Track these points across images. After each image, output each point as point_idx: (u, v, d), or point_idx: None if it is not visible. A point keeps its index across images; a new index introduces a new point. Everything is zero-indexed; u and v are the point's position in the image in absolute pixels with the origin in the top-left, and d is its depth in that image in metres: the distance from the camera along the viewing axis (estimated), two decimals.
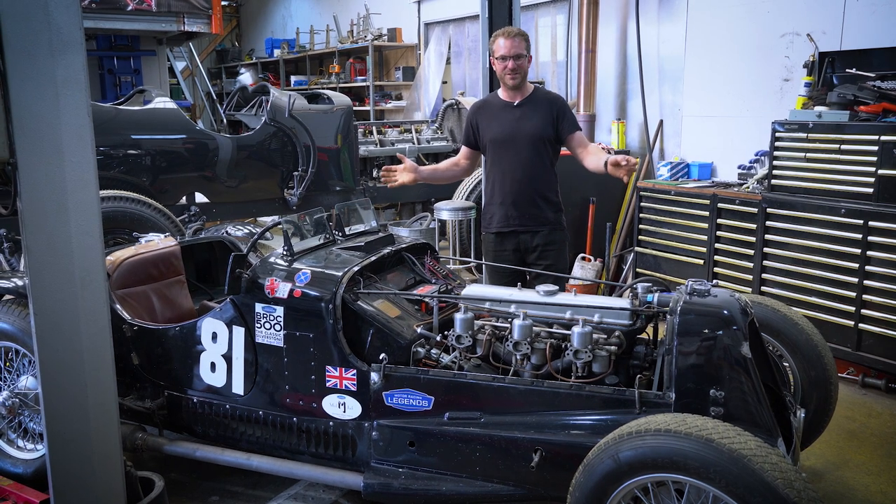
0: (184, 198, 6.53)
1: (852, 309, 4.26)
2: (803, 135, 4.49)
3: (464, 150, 4.07)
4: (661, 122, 6.47)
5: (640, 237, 5.74)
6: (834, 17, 5.04)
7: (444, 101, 8.67)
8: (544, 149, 3.84)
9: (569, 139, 3.83)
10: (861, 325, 4.23)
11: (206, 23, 9.89)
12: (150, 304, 3.58)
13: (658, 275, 5.41)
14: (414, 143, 8.02)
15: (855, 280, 4.23)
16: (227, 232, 4.32)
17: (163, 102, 6.47)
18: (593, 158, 3.71)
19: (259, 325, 2.97)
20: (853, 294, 4.25)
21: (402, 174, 3.84)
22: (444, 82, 9.52)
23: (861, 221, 4.17)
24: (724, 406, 2.34)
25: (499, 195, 3.92)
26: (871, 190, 4.15)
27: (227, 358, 3.07)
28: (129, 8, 9.29)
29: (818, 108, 4.55)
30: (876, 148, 4.10)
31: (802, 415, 2.64)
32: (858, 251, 4.19)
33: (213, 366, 3.11)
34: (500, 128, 3.86)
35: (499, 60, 3.79)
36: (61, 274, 2.14)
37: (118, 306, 3.35)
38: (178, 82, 13.37)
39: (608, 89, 6.93)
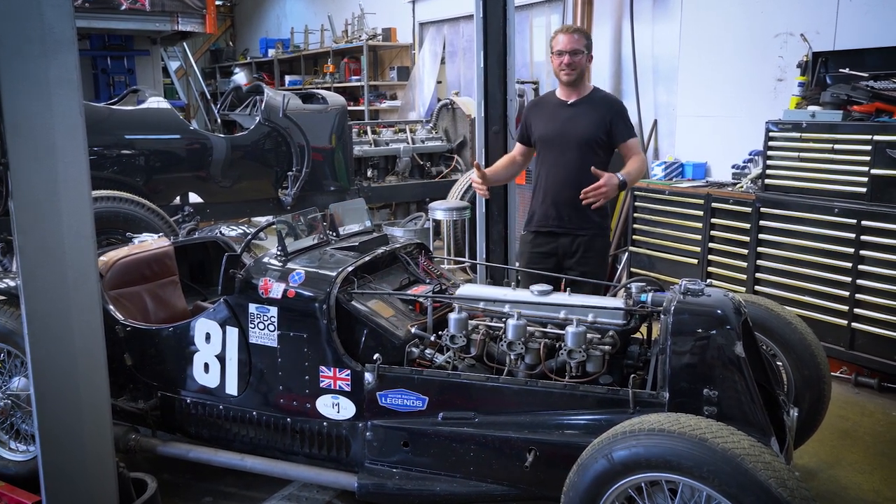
0: (178, 198, 6.51)
1: (846, 308, 4.27)
2: (797, 134, 4.50)
3: (518, 146, 4.00)
4: (656, 121, 6.48)
5: (634, 237, 5.74)
6: (827, 17, 5.05)
7: (439, 100, 8.66)
8: (592, 151, 3.68)
9: (621, 146, 3.73)
10: (854, 325, 4.25)
11: (200, 22, 9.89)
12: (144, 304, 3.57)
13: (652, 274, 5.42)
14: (409, 143, 8.01)
15: (848, 279, 4.24)
16: (220, 232, 4.31)
17: (156, 102, 6.46)
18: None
19: (253, 326, 2.96)
20: (846, 293, 4.26)
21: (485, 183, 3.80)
22: (439, 82, 9.51)
23: (854, 221, 4.18)
24: (717, 405, 2.35)
25: (541, 194, 3.83)
26: (864, 189, 4.16)
27: (221, 358, 3.06)
28: (123, 7, 9.28)
29: (812, 108, 4.56)
30: (869, 147, 4.11)
31: (795, 414, 2.65)
32: (852, 251, 4.21)
33: (206, 366, 3.10)
34: (550, 126, 3.77)
35: (556, 56, 3.71)
36: (53, 275, 2.13)
37: (111, 307, 3.33)
38: (172, 82, 13.34)
39: (603, 89, 6.93)
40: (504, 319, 2.79)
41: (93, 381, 2.26)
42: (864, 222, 4.14)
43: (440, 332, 2.82)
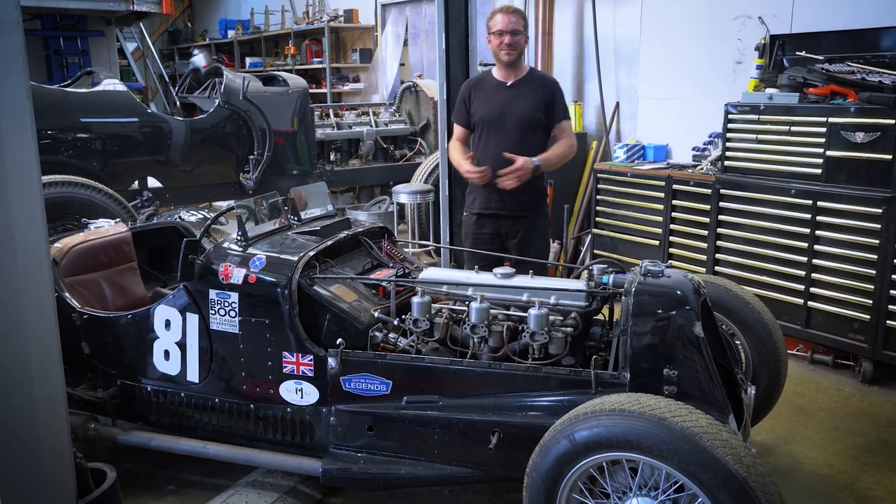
0: (136, 182, 6.38)
1: (801, 287, 4.37)
2: (755, 117, 4.57)
3: (459, 130, 3.97)
4: (618, 104, 6.51)
5: (597, 219, 5.79)
6: (784, 0, 5.11)
7: (402, 83, 8.60)
8: (533, 132, 3.76)
9: (556, 127, 3.80)
10: (810, 303, 4.34)
11: (157, 2, 9.67)
12: (101, 291, 3.49)
13: (615, 256, 5.47)
14: (371, 126, 7.95)
15: (804, 259, 4.33)
16: (180, 217, 4.22)
17: (112, 84, 6.30)
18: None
19: (213, 312, 2.92)
20: (802, 273, 4.35)
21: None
22: (402, 64, 9.44)
23: (810, 202, 4.27)
24: (677, 385, 2.38)
25: None
26: (819, 171, 4.24)
27: (182, 345, 3.01)
28: None
29: (769, 91, 4.62)
30: (824, 129, 4.19)
31: (753, 391, 2.71)
32: (807, 231, 4.29)
33: (166, 353, 3.06)
34: (491, 107, 3.79)
35: (495, 36, 3.73)
36: (3, 264, 2.07)
37: (67, 294, 3.26)
38: (128, 64, 13.04)
39: (565, 72, 6.95)
40: (467, 303, 2.79)
41: (47, 371, 2.21)
42: (819, 203, 4.23)
43: (403, 316, 2.82)
